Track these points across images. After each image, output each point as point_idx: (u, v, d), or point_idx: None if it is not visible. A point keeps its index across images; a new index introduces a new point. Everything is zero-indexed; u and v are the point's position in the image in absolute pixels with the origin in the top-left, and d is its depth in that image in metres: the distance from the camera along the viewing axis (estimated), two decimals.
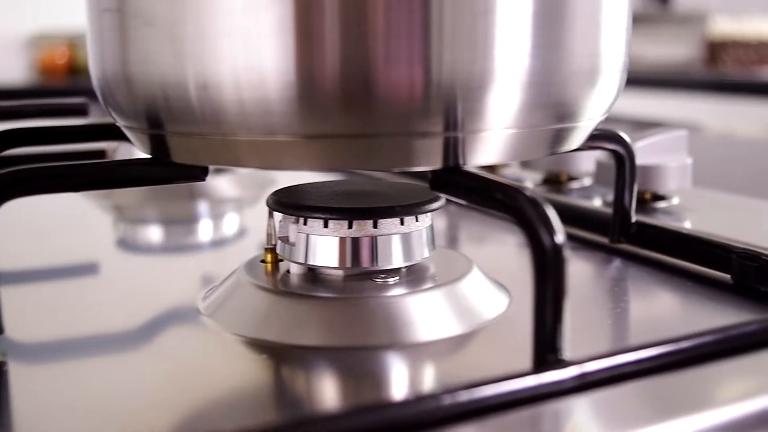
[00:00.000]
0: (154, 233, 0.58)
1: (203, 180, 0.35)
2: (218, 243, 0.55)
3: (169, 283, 0.44)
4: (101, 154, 0.67)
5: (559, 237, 0.27)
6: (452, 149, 0.31)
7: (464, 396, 0.26)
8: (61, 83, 2.41)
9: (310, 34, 0.30)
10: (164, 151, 0.34)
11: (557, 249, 0.27)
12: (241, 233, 0.57)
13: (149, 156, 0.35)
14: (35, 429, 0.27)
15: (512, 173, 0.65)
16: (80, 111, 0.64)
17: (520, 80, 0.32)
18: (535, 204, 0.28)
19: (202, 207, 0.62)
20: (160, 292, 0.42)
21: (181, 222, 0.60)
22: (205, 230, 0.59)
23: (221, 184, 0.64)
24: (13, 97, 2.12)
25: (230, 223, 0.59)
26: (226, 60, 0.31)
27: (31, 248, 0.51)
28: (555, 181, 0.60)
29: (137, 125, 0.34)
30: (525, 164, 0.65)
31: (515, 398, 0.27)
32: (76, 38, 2.47)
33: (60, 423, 0.28)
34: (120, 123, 0.36)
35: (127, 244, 0.55)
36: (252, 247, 0.53)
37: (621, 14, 0.36)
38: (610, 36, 0.35)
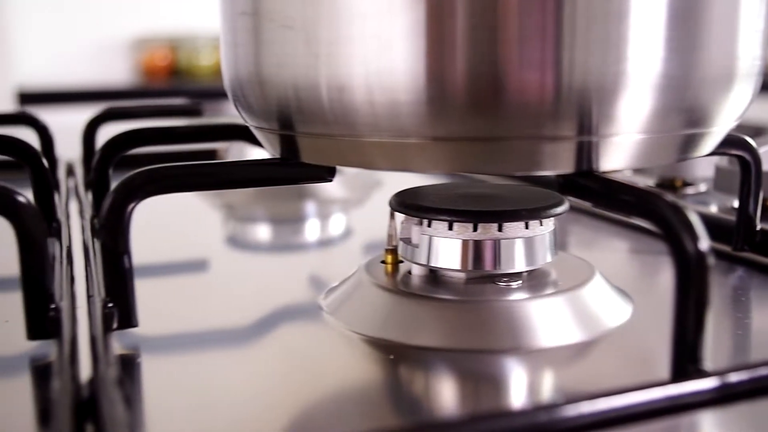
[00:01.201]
0: (262, 232, 0.59)
1: (330, 181, 0.35)
2: (326, 243, 0.56)
3: (282, 281, 0.45)
4: (212, 154, 0.68)
5: (704, 244, 0.26)
6: (585, 153, 0.31)
7: (594, 406, 0.26)
8: (163, 84, 2.48)
9: (441, 38, 0.30)
10: (293, 152, 0.34)
11: (701, 256, 0.26)
12: (348, 233, 0.57)
13: (278, 156, 0.36)
14: (164, 419, 0.28)
15: (622, 178, 0.64)
16: (194, 112, 0.66)
17: (653, 84, 0.31)
18: (677, 210, 0.27)
19: (310, 207, 0.63)
20: (275, 289, 0.43)
21: (290, 221, 0.60)
22: (312, 230, 0.59)
23: (329, 185, 0.65)
24: (118, 97, 2.19)
25: (337, 224, 0.60)
26: (358, 63, 0.31)
27: (143, 244, 0.53)
28: (669, 187, 0.59)
29: (268, 126, 0.35)
30: (638, 169, 0.63)
31: (649, 409, 0.26)
32: (177, 41, 2.54)
33: (186, 414, 0.28)
34: (250, 123, 0.36)
35: (236, 242, 0.56)
36: (358, 247, 0.53)
37: (758, 16, 0.35)
38: (746, 38, 0.34)
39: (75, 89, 2.27)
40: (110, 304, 0.32)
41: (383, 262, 0.39)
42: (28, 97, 2.05)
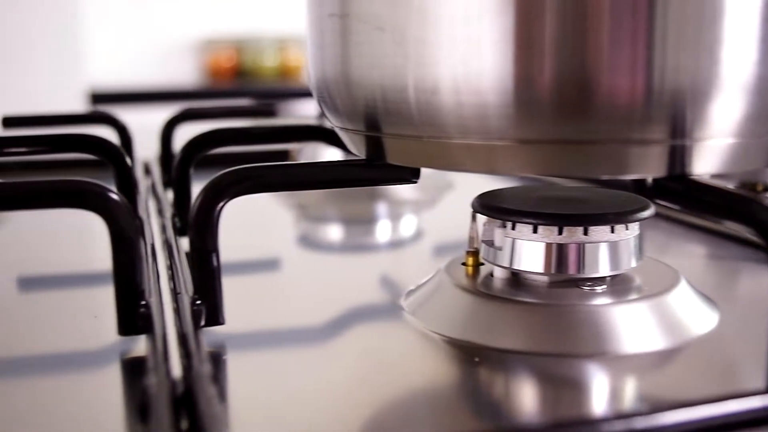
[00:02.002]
0: (334, 232, 0.60)
1: (414, 182, 0.35)
2: (397, 244, 0.56)
3: (357, 281, 0.45)
4: (284, 154, 0.69)
5: None
6: (677, 157, 0.31)
7: (683, 415, 0.25)
8: (228, 85, 2.51)
9: (530, 41, 0.30)
10: (379, 153, 0.35)
11: None
12: (420, 235, 0.57)
13: (363, 157, 0.36)
14: (250, 416, 0.28)
15: (714, 182, 0.63)
16: (267, 113, 0.66)
17: (747, 87, 0.31)
18: None
19: (382, 208, 0.63)
20: (350, 289, 0.43)
21: (361, 222, 0.61)
22: (384, 231, 0.59)
23: (401, 186, 0.65)
24: (184, 98, 2.22)
25: (409, 225, 0.60)
26: (447, 65, 0.31)
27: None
28: (751, 191, 0.57)
29: (354, 127, 0.35)
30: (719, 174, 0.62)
31: (742, 419, 0.26)
32: (242, 43, 2.57)
33: (269, 412, 0.29)
34: (335, 124, 0.37)
35: (309, 242, 0.56)
36: (431, 248, 0.53)
37: None
38: None
39: (143, 90, 2.31)
40: (198, 302, 0.33)
41: (464, 264, 0.39)
42: (99, 98, 2.09)
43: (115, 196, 0.32)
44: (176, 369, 0.29)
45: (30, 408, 0.29)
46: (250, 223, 0.60)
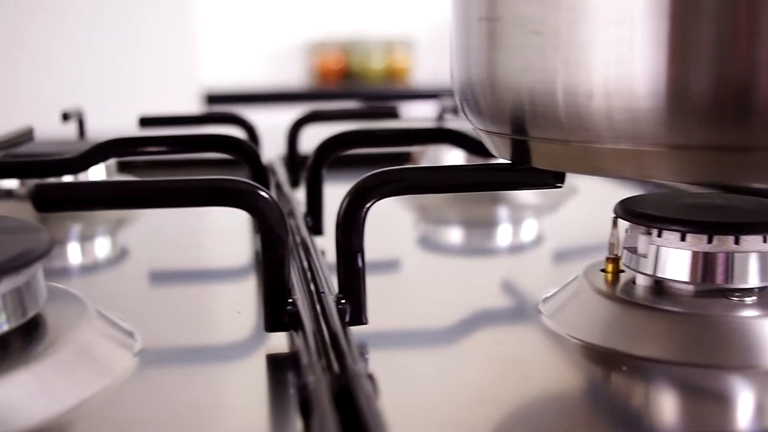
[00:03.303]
0: (455, 234, 0.59)
1: (558, 187, 0.35)
2: (520, 248, 0.56)
3: (481, 284, 0.45)
4: (405, 157, 0.69)
5: None
6: None
7: None
8: (335, 87, 2.54)
9: (685, 44, 0.29)
10: (524, 157, 0.34)
11: None
12: (542, 239, 0.57)
13: (506, 161, 0.36)
14: (396, 414, 0.28)
15: None
16: (391, 115, 0.67)
17: None
18: None
19: (503, 211, 0.63)
20: (477, 291, 0.43)
21: (482, 225, 0.60)
22: (506, 234, 0.59)
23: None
24: (293, 100, 2.26)
25: (531, 229, 0.59)
26: (597, 69, 0.31)
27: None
28: None
29: (498, 129, 0.35)
30: None
31: None
32: (350, 45, 2.59)
33: (412, 411, 0.29)
34: (477, 127, 0.37)
35: (429, 244, 0.56)
36: (555, 253, 0.53)
37: None
38: None
39: (254, 92, 2.36)
40: (343, 301, 0.33)
41: (603, 270, 0.38)
42: (213, 99, 2.15)
43: (266, 195, 0.32)
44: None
45: (180, 397, 0.30)
46: (371, 224, 0.60)
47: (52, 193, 0.32)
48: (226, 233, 0.56)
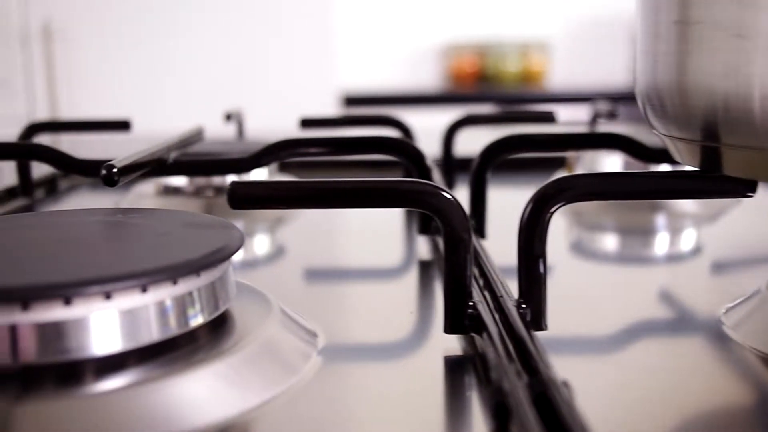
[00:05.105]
0: (611, 241, 0.58)
1: (750, 196, 0.34)
2: (676, 258, 0.54)
3: (644, 293, 0.44)
4: (562, 161, 0.69)
5: None
6: None
7: None
8: (470, 90, 2.53)
9: None
10: (714, 164, 0.33)
11: None
12: (697, 251, 0.55)
13: (694, 168, 0.35)
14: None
15: None
16: (547, 119, 0.66)
17: None
18: None
19: (660, 219, 0.61)
20: (640, 301, 0.42)
21: (639, 233, 0.59)
22: (662, 243, 0.57)
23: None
24: (428, 102, 2.27)
25: (688, 238, 0.58)
26: None
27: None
28: None
29: (687, 136, 0.34)
30: None
31: None
32: (485, 48, 2.59)
33: (607, 417, 0.28)
34: (662, 133, 0.36)
35: (584, 250, 0.55)
36: (717, 264, 0.51)
37: None
38: None
39: (390, 94, 2.38)
40: (524, 306, 0.33)
41: None
42: (350, 101, 2.18)
43: (449, 197, 0.33)
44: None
45: (363, 395, 0.31)
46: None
47: (247, 190, 0.33)
48: (377, 233, 0.57)
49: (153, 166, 0.45)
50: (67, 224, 0.37)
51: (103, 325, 0.28)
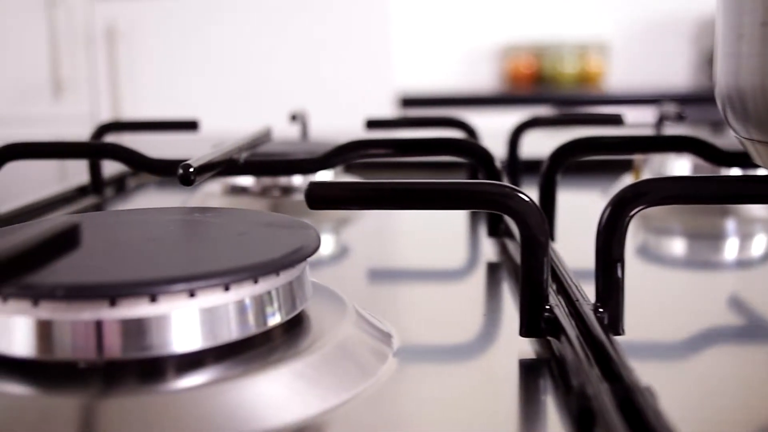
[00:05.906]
0: (678, 246, 0.57)
1: None
2: (746, 263, 0.53)
3: (712, 299, 0.43)
4: (628, 164, 0.68)
5: None
6: None
7: None
8: (527, 92, 2.52)
9: None
10: None
11: None
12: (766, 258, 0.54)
13: None
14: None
15: None
16: (616, 121, 0.65)
17: None
18: None
19: (731, 224, 0.60)
20: (711, 306, 0.41)
21: (708, 238, 0.58)
22: (732, 248, 0.56)
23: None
24: (485, 103, 2.26)
25: (758, 244, 0.56)
26: None
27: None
28: None
29: None
30: None
31: None
32: (542, 49, 2.57)
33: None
34: (743, 135, 0.35)
35: (649, 254, 0.55)
36: None
37: None
38: None
39: (446, 95, 2.38)
40: (601, 310, 0.33)
41: None
42: (407, 102, 2.18)
43: (527, 200, 0.33)
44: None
45: (438, 397, 0.30)
46: (587, 227, 0.59)
47: (325, 191, 0.33)
48: (441, 234, 0.57)
49: (225, 165, 0.46)
50: (148, 223, 0.38)
51: (185, 322, 0.29)
